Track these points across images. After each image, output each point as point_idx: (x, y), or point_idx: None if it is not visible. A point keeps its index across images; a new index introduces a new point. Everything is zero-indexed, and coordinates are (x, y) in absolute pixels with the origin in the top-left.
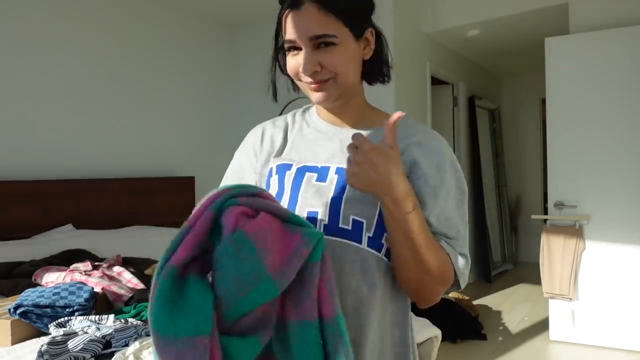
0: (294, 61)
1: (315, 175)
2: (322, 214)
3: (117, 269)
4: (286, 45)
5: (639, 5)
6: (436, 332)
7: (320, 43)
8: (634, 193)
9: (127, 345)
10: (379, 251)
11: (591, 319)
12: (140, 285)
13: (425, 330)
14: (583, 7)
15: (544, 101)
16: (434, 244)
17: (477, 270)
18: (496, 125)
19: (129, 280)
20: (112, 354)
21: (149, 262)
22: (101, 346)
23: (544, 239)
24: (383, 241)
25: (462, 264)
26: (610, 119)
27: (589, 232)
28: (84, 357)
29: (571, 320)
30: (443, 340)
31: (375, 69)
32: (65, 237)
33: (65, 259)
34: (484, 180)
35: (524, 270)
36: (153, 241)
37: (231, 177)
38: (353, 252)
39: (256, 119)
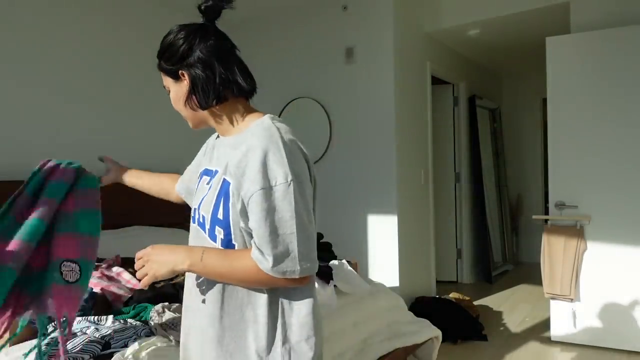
0: None
1: (208, 178)
2: (195, 210)
3: (116, 269)
4: None
5: (639, 5)
6: (437, 332)
7: None
8: (635, 193)
9: (126, 346)
10: (215, 241)
11: (592, 320)
12: (140, 286)
13: (425, 331)
14: (584, 7)
15: (544, 101)
16: (239, 264)
17: (478, 271)
18: (497, 125)
19: (128, 280)
20: (111, 354)
21: None
22: (100, 347)
23: (545, 239)
24: (216, 233)
25: (262, 261)
26: (612, 118)
27: (590, 232)
28: (82, 358)
29: (572, 321)
30: (443, 341)
31: (194, 96)
32: None
33: None
34: (484, 180)
35: (525, 270)
36: (152, 241)
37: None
38: (204, 241)
39: None
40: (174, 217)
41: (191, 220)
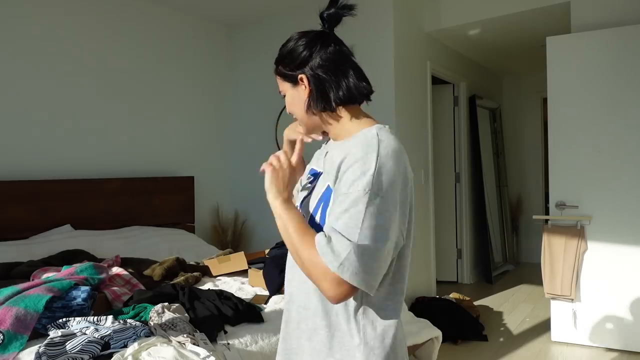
0: None
1: (312, 177)
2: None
3: (116, 269)
4: None
5: (639, 4)
6: (437, 333)
7: None
8: (635, 193)
9: (125, 346)
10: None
11: (593, 320)
12: (140, 286)
13: (426, 331)
14: (584, 6)
15: (545, 100)
16: (307, 240)
17: (478, 271)
18: (497, 124)
19: (128, 280)
20: (111, 355)
21: (148, 263)
22: (99, 347)
23: (545, 239)
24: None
25: (326, 253)
26: (612, 118)
27: (590, 232)
28: (82, 359)
29: (573, 321)
30: (444, 341)
31: (314, 101)
32: (63, 238)
33: (63, 260)
34: (484, 180)
35: (525, 270)
36: (152, 241)
37: None
38: None
39: (255, 119)
40: (173, 217)
41: None
